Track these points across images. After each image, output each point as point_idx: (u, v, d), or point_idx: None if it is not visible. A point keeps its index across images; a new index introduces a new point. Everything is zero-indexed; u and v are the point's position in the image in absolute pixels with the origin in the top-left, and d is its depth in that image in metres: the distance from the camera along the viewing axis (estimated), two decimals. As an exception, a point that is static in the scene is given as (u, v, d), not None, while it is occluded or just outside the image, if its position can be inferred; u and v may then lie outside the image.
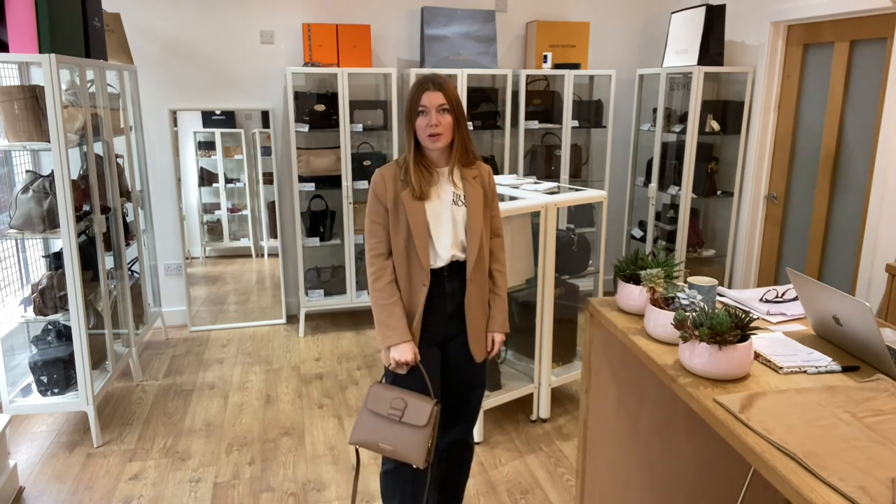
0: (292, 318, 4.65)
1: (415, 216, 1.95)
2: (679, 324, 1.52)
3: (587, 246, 3.44)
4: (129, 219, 3.85)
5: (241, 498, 2.63)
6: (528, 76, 4.46)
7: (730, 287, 4.38)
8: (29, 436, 3.09)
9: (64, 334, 3.07)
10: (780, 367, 1.52)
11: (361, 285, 4.44)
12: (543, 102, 4.61)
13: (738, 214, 4.29)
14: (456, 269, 2.03)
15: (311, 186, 4.24)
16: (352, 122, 4.20)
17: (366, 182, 4.26)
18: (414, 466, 1.95)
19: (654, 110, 4.52)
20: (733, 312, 1.48)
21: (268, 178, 4.48)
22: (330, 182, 4.29)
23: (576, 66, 4.49)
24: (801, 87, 3.82)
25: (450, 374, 2.14)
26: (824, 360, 1.56)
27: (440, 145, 1.94)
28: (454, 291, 2.05)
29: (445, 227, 2.00)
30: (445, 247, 2.00)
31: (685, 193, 4.23)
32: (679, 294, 1.68)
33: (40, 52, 2.62)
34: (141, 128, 4.03)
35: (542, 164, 4.64)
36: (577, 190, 3.29)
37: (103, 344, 3.22)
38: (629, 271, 1.90)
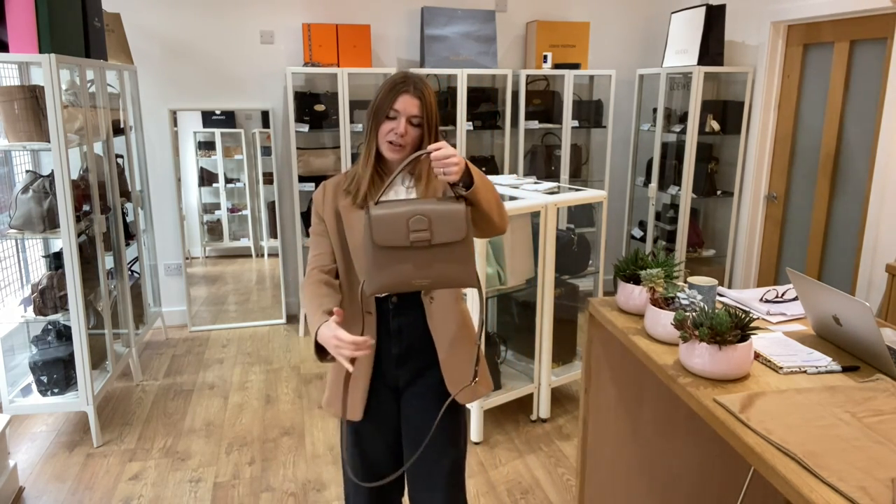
0: (292, 318, 4.65)
1: (352, 229, 1.64)
2: (679, 324, 1.52)
3: (587, 246, 3.43)
4: (129, 219, 3.85)
5: (241, 498, 2.63)
6: (528, 76, 4.46)
7: (730, 287, 4.38)
8: (29, 436, 3.09)
9: (64, 334, 3.07)
10: (780, 367, 1.52)
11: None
12: (543, 102, 4.61)
13: (738, 214, 4.29)
14: (406, 299, 1.68)
15: (311, 186, 4.24)
16: (352, 122, 4.20)
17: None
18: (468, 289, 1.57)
19: (654, 110, 4.52)
20: (733, 312, 1.48)
21: (268, 178, 4.48)
22: (330, 182, 4.28)
23: (576, 66, 4.49)
24: (801, 87, 3.82)
25: (409, 431, 1.75)
26: (824, 360, 1.56)
27: (397, 157, 1.62)
28: (401, 329, 1.68)
29: None
30: None
31: (685, 193, 4.23)
32: (679, 294, 1.68)
33: (40, 52, 2.62)
34: (141, 128, 4.03)
35: (542, 164, 4.64)
36: (577, 190, 3.29)
37: (103, 344, 3.22)
38: (629, 271, 1.90)
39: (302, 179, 4.22)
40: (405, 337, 1.69)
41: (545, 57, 4.46)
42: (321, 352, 1.55)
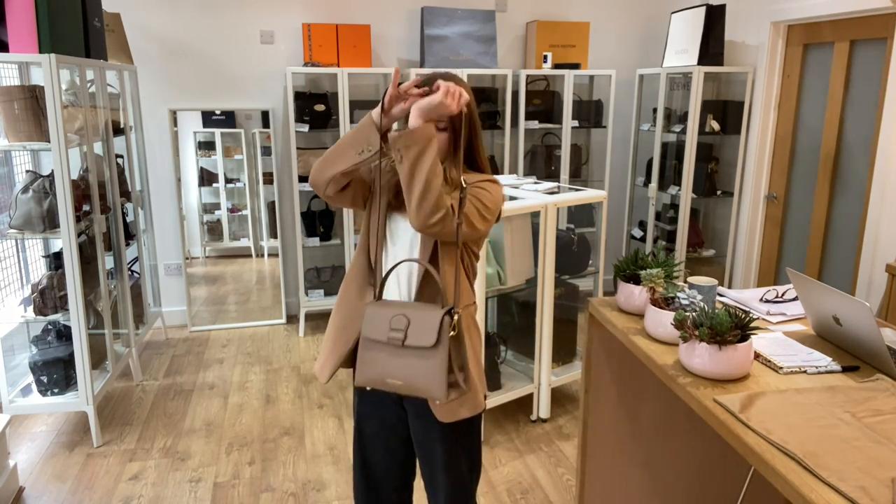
0: (292, 318, 4.65)
1: (376, 225, 1.66)
2: (679, 324, 1.52)
3: (587, 246, 3.43)
4: (129, 219, 3.85)
5: (241, 498, 2.63)
6: (528, 76, 4.46)
7: (730, 287, 4.38)
8: (29, 436, 3.09)
9: (64, 334, 3.07)
10: (780, 367, 1.52)
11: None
12: (543, 102, 4.61)
13: (738, 214, 4.29)
14: None
15: (310, 186, 4.24)
16: (352, 122, 4.20)
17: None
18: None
19: (654, 110, 4.52)
20: (733, 312, 1.48)
21: (268, 178, 4.48)
22: (330, 182, 4.29)
23: (576, 66, 4.49)
24: (801, 87, 3.82)
25: (416, 445, 1.73)
26: (824, 360, 1.56)
27: None
28: None
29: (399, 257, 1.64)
30: (394, 290, 1.66)
31: (685, 193, 4.23)
32: (679, 294, 1.68)
33: (40, 52, 2.62)
34: (141, 128, 4.03)
35: (542, 164, 4.64)
36: (577, 190, 3.29)
37: (103, 344, 3.22)
38: (629, 271, 1.90)
39: (302, 179, 4.22)
40: None
41: (545, 57, 4.46)
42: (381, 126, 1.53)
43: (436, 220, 1.46)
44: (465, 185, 1.54)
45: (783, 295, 2.02)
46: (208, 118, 4.35)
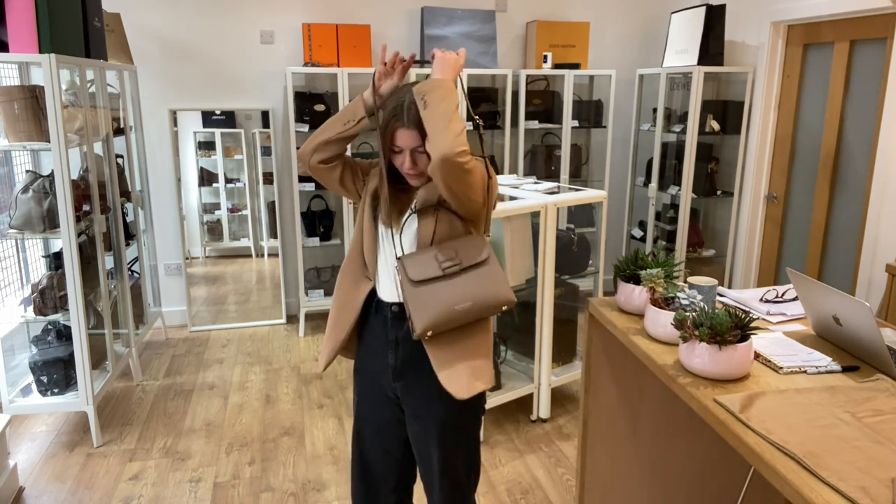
0: (292, 318, 4.65)
1: (369, 233, 1.67)
2: (679, 324, 1.52)
3: (587, 246, 3.43)
4: (129, 219, 3.85)
5: (241, 498, 2.63)
6: (528, 76, 4.46)
7: (730, 287, 4.38)
8: (29, 436, 3.09)
9: (64, 334, 3.07)
10: (780, 367, 1.52)
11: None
12: (543, 102, 4.61)
13: (738, 214, 4.29)
14: (404, 312, 1.63)
15: (311, 186, 4.24)
16: (352, 122, 4.19)
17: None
18: (504, 309, 1.59)
19: (654, 110, 4.52)
20: (733, 312, 1.48)
21: (268, 178, 4.48)
22: (330, 182, 4.29)
23: (576, 66, 4.49)
24: (801, 87, 3.82)
25: (413, 444, 1.74)
26: (824, 360, 1.56)
27: (418, 182, 1.63)
28: (398, 343, 1.65)
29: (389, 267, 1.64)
30: (389, 290, 1.65)
31: (685, 193, 4.23)
32: (679, 294, 1.68)
33: (40, 52, 2.62)
34: (141, 128, 4.03)
35: (542, 164, 4.64)
36: (577, 190, 3.29)
37: (103, 344, 3.22)
38: (629, 271, 1.90)
39: (302, 179, 4.22)
40: (403, 351, 1.65)
41: (545, 57, 4.46)
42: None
43: (462, 146, 1.45)
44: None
45: (783, 295, 2.02)
46: (208, 118, 4.35)
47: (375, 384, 1.73)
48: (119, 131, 3.65)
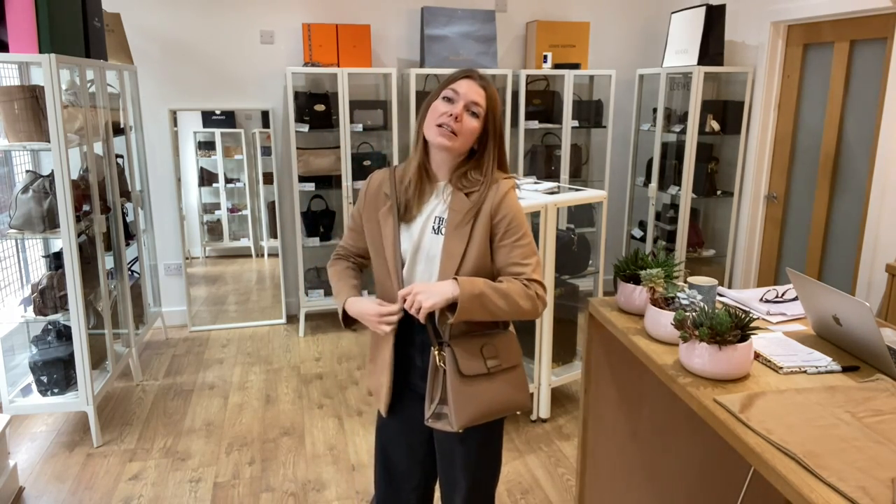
0: (292, 318, 4.65)
1: (388, 238, 1.59)
2: (679, 324, 1.52)
3: (587, 246, 3.43)
4: (129, 219, 3.85)
5: (241, 498, 2.63)
6: (528, 76, 4.46)
7: (730, 287, 4.38)
8: (29, 436, 3.09)
9: (64, 334, 3.07)
10: (780, 367, 1.52)
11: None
12: (543, 102, 4.61)
13: (738, 214, 4.29)
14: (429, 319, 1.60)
15: (311, 186, 4.24)
16: (352, 122, 4.20)
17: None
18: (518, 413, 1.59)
19: (654, 110, 4.52)
20: (733, 312, 1.48)
21: (268, 178, 4.48)
22: (330, 182, 4.29)
23: (576, 66, 4.49)
24: (801, 87, 3.82)
25: (437, 445, 1.73)
26: (824, 360, 1.56)
27: (447, 144, 1.48)
28: (424, 344, 1.62)
29: (421, 265, 1.59)
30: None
31: (685, 193, 4.23)
32: (679, 294, 1.68)
33: (40, 52, 2.62)
34: (141, 128, 4.03)
35: (542, 164, 4.64)
36: (577, 190, 3.29)
37: (103, 344, 3.22)
38: (629, 271, 1.90)
39: (302, 179, 4.23)
40: (428, 352, 1.61)
41: (545, 57, 4.46)
42: (347, 321, 1.65)
43: (531, 306, 1.51)
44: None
45: (783, 295, 2.02)
46: (208, 118, 4.35)
47: (401, 380, 1.72)
48: (119, 131, 3.65)
